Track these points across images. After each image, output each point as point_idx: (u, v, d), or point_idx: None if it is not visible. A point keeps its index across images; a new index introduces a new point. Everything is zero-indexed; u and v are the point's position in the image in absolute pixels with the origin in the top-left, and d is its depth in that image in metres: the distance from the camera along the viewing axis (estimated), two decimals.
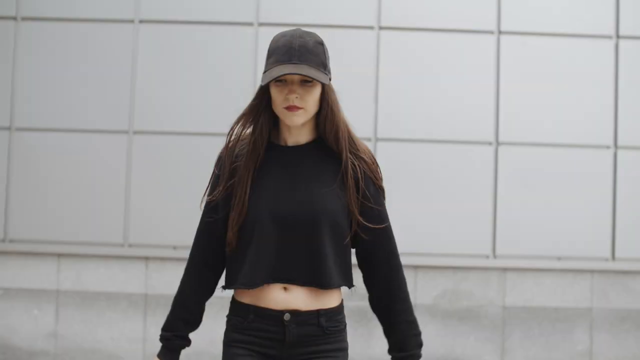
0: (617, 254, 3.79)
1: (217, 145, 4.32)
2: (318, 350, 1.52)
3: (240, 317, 1.55)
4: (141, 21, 3.80)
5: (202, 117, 3.77)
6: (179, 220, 3.71)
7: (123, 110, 3.76)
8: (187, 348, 1.70)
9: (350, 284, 1.59)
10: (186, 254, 4.09)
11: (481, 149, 3.81)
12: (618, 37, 3.86)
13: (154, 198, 3.73)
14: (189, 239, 4.13)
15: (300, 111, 1.47)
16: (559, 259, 3.79)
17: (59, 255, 3.74)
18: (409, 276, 3.93)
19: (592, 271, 3.80)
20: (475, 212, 3.78)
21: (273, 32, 4.12)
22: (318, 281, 1.51)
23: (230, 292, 1.64)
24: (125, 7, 3.78)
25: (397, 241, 1.87)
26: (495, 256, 3.78)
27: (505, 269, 3.79)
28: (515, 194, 3.78)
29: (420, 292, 3.76)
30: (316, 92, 1.48)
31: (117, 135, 3.76)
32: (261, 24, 3.81)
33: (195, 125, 3.76)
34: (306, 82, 1.46)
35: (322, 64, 1.48)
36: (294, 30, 1.52)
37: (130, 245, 3.73)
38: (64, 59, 3.77)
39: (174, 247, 3.72)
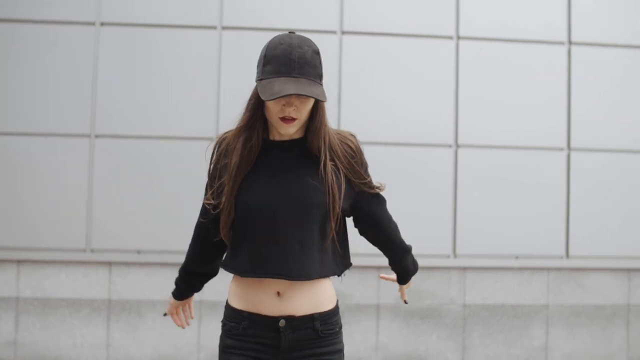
0: (571, 252, 3.88)
1: (180, 149, 4.24)
2: (313, 354, 1.52)
3: (235, 322, 1.55)
4: (102, 24, 3.71)
5: (165, 120, 3.70)
6: (142, 224, 3.64)
7: (84, 114, 3.67)
8: (152, 354, 1.68)
9: (337, 273, 1.60)
10: (150, 258, 4.03)
11: (441, 151, 3.85)
12: (570, 43, 3.94)
13: (117, 202, 3.65)
14: (153, 243, 4.09)
15: (295, 122, 1.48)
16: (517, 257, 3.85)
17: (19, 262, 3.62)
18: (372, 277, 3.97)
19: (547, 269, 3.87)
20: (436, 213, 3.81)
21: (236, 36, 4.13)
22: (305, 272, 1.50)
23: (223, 296, 1.65)
24: (86, 9, 3.68)
25: (359, 244, 1.87)
26: (455, 256, 3.82)
27: (465, 269, 3.83)
28: (474, 195, 3.83)
29: (384, 292, 3.77)
30: (311, 102, 1.49)
31: (79, 139, 3.66)
32: (224, 28, 3.76)
33: (158, 129, 3.70)
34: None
35: (319, 76, 1.47)
36: (290, 37, 1.48)
37: (92, 251, 3.64)
38: (23, 61, 3.65)
39: (138, 252, 3.65)
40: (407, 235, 3.85)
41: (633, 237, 3.91)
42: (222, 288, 3.70)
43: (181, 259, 3.93)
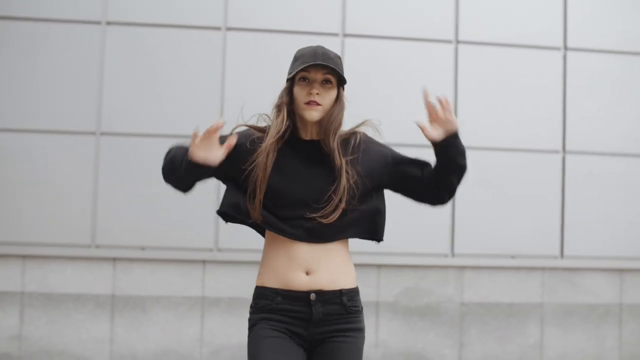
0: (565, 253, 3.85)
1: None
2: (340, 329, 1.61)
3: (268, 300, 1.62)
4: (108, 23, 3.66)
5: (169, 119, 3.65)
6: (146, 221, 3.59)
7: (90, 112, 3.61)
8: (155, 349, 1.65)
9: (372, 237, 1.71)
10: (154, 254, 3.97)
11: None
12: (566, 49, 3.93)
13: (121, 199, 3.59)
14: (157, 240, 4.02)
15: (319, 107, 1.62)
16: (513, 257, 3.82)
17: (24, 257, 3.55)
18: (371, 275, 3.92)
19: (542, 268, 3.85)
20: (434, 213, 3.74)
21: (240, 37, 4.09)
22: (327, 237, 1.62)
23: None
24: (93, 8, 3.63)
25: (360, 241, 1.84)
26: (453, 255, 3.78)
27: (462, 267, 3.79)
28: (472, 196, 3.79)
29: (383, 290, 3.73)
30: (333, 93, 1.66)
31: (84, 137, 3.61)
32: (229, 29, 3.72)
33: (163, 127, 3.65)
34: (326, 82, 1.63)
35: (341, 70, 1.67)
36: (316, 45, 1.69)
37: (97, 246, 3.58)
38: (30, 59, 3.59)
39: (142, 248, 3.59)
40: (406, 234, 3.84)
41: (625, 238, 3.89)
42: (225, 285, 3.66)
43: (185, 255, 3.87)
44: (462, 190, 3.75)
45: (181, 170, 1.60)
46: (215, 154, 1.55)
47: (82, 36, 3.62)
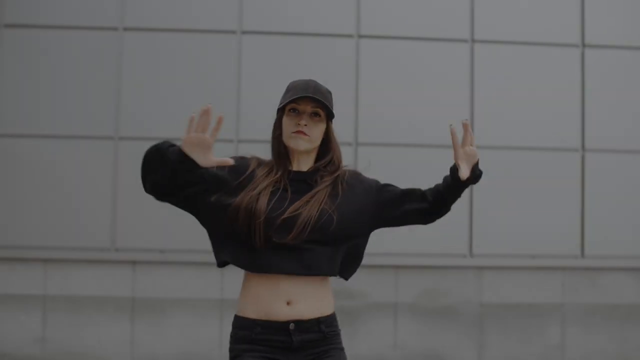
0: (586, 252, 3.78)
1: None
2: (319, 352, 1.63)
3: (247, 330, 1.61)
4: (125, 29, 3.68)
5: (186, 123, 3.66)
6: (166, 224, 3.60)
7: (109, 117, 3.64)
8: (174, 350, 1.65)
9: (336, 274, 1.68)
10: (173, 257, 3.99)
11: None
12: (584, 46, 3.87)
13: (141, 203, 3.59)
14: (176, 243, 4.04)
15: (306, 137, 1.64)
16: (532, 257, 3.76)
17: (46, 261, 3.58)
18: (390, 276, 3.88)
19: (563, 268, 3.78)
20: (452, 213, 3.69)
21: (255, 40, 4.08)
22: (306, 270, 1.60)
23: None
24: (110, 14, 3.66)
25: (379, 242, 1.82)
26: (472, 255, 3.74)
27: (481, 268, 3.74)
28: (490, 196, 3.75)
29: (402, 291, 3.70)
30: (322, 126, 1.66)
31: (103, 141, 3.63)
32: (244, 32, 3.73)
33: (180, 131, 3.64)
34: (315, 115, 1.64)
35: (331, 105, 1.67)
36: (308, 78, 1.71)
37: (117, 250, 3.60)
38: (49, 65, 3.63)
39: (161, 251, 3.60)
40: (424, 235, 3.78)
41: None
42: None
43: (204, 257, 3.87)
44: (480, 189, 3.74)
45: (167, 159, 1.46)
46: (206, 156, 1.49)
47: (100, 42, 3.65)
